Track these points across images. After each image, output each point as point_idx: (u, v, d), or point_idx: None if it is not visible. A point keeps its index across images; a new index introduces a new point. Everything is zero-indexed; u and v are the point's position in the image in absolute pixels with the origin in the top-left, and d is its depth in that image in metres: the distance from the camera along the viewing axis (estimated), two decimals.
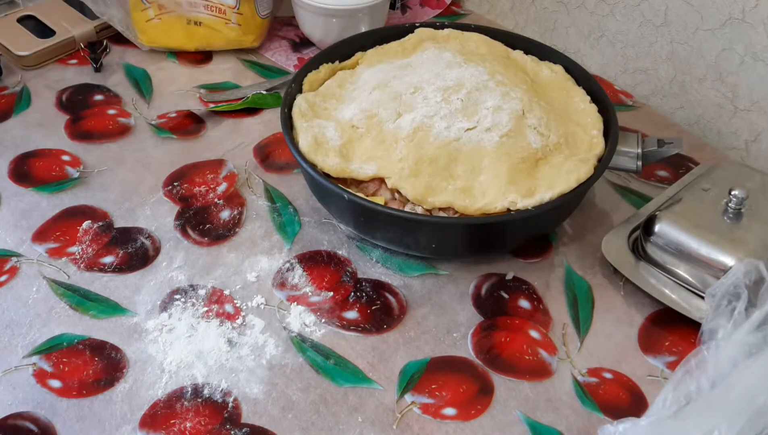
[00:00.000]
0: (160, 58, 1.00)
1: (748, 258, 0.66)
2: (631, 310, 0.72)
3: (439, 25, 0.87)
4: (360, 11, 0.96)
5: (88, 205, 0.80)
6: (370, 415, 0.64)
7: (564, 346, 0.69)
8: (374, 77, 0.79)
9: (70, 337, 0.68)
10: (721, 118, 0.90)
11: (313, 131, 0.74)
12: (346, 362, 0.67)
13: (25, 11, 1.02)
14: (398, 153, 0.72)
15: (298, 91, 0.80)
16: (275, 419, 0.63)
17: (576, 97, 0.80)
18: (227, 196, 0.82)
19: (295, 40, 1.04)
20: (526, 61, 0.84)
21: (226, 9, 0.97)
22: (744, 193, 0.70)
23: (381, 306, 0.72)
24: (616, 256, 0.74)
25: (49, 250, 0.75)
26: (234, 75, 0.98)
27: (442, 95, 0.74)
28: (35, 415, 0.63)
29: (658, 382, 0.67)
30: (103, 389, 0.65)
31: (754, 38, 0.84)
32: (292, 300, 0.72)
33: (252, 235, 0.78)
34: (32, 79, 0.96)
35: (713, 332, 0.63)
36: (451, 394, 0.65)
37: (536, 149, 0.72)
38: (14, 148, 0.86)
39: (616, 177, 0.85)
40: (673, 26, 0.90)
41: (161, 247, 0.76)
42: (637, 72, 0.96)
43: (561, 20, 1.02)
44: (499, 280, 0.75)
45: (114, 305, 0.71)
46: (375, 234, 0.74)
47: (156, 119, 0.90)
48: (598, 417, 0.64)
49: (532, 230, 0.75)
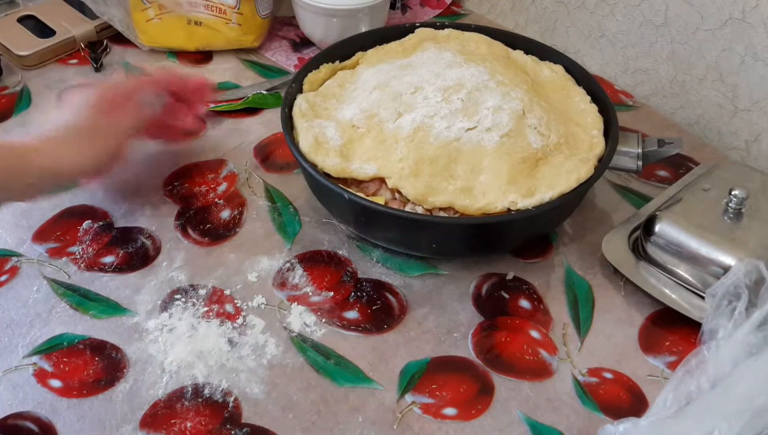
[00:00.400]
0: (161, 58, 1.00)
1: (749, 258, 0.66)
2: (632, 310, 0.72)
3: (439, 25, 0.87)
4: (360, 11, 0.96)
5: (89, 205, 0.80)
6: (370, 415, 0.64)
7: (564, 346, 0.69)
8: (374, 77, 0.79)
9: (71, 337, 0.68)
10: (722, 118, 0.90)
11: (314, 131, 0.74)
12: (346, 362, 0.67)
13: (25, 11, 1.02)
14: (398, 153, 0.72)
15: (299, 91, 0.80)
16: (276, 419, 0.63)
17: (576, 97, 0.80)
18: (227, 196, 0.82)
19: (295, 40, 1.04)
20: (526, 61, 0.84)
21: (227, 9, 0.97)
22: (744, 193, 0.70)
23: (381, 306, 0.72)
24: (616, 256, 0.74)
25: (49, 250, 0.75)
26: (234, 75, 0.98)
27: (443, 95, 0.74)
28: (35, 415, 0.63)
29: (658, 382, 0.67)
30: (104, 389, 0.65)
31: (754, 38, 0.84)
32: (293, 300, 0.72)
33: (252, 235, 0.78)
34: (32, 78, 0.96)
35: (713, 332, 0.63)
36: (451, 394, 0.65)
37: (536, 149, 0.72)
38: None
39: (617, 177, 0.85)
40: (674, 26, 0.90)
41: (162, 247, 0.76)
42: (637, 72, 0.96)
43: (561, 20, 1.02)
44: (500, 280, 0.75)
45: (114, 305, 0.71)
46: (375, 234, 0.74)
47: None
48: (598, 417, 0.64)
49: (533, 230, 0.75)
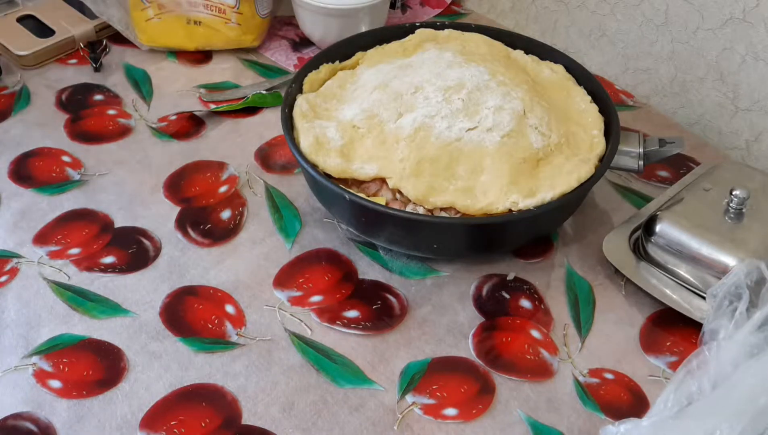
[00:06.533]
0: (160, 58, 1.00)
1: (750, 258, 0.66)
2: (633, 311, 0.72)
3: (439, 25, 0.87)
4: (360, 11, 0.95)
5: (89, 208, 0.80)
6: (370, 416, 0.64)
7: (565, 347, 0.69)
8: (375, 77, 0.79)
9: (71, 338, 0.68)
10: (722, 118, 0.90)
11: (314, 132, 0.74)
12: (346, 363, 0.67)
13: (24, 11, 1.02)
14: (399, 153, 0.72)
15: (299, 91, 0.80)
16: (275, 420, 0.63)
17: (577, 97, 0.80)
18: (228, 196, 0.82)
19: (295, 40, 1.04)
20: (526, 61, 0.84)
21: (226, 8, 0.97)
22: (745, 193, 0.70)
23: (382, 306, 0.72)
24: (617, 256, 0.74)
25: (50, 252, 0.75)
26: (234, 75, 0.98)
27: (443, 95, 0.74)
28: (35, 416, 0.63)
29: (659, 382, 0.67)
30: (103, 389, 0.65)
31: (755, 38, 0.84)
32: (293, 300, 0.72)
33: (253, 236, 0.78)
34: (32, 78, 0.96)
35: (715, 332, 0.63)
36: (452, 394, 0.65)
37: (537, 149, 0.72)
38: (14, 148, 0.86)
39: (617, 177, 0.85)
40: (674, 26, 0.90)
41: (162, 248, 0.76)
42: (637, 72, 0.96)
43: (561, 20, 1.02)
44: (500, 281, 0.75)
45: (114, 306, 0.71)
46: (376, 234, 0.74)
47: (156, 122, 0.90)
48: (599, 417, 0.64)
49: (534, 230, 0.75)
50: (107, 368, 0.66)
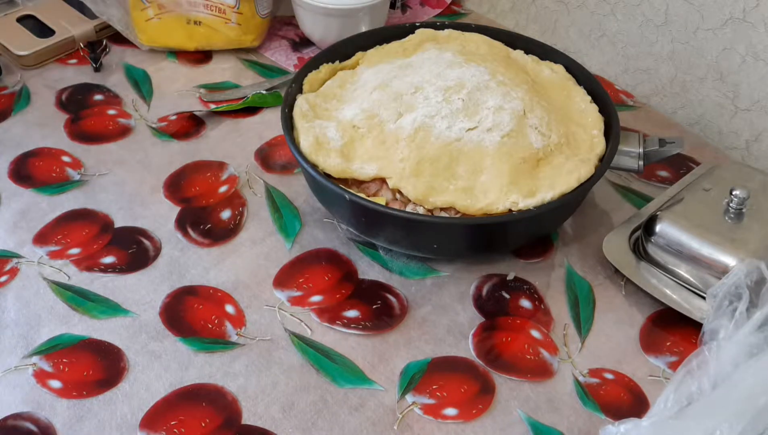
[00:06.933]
0: (160, 58, 1.00)
1: (750, 258, 0.66)
2: (632, 311, 0.72)
3: (439, 25, 0.87)
4: (360, 11, 0.95)
5: (89, 208, 0.80)
6: (370, 416, 0.64)
7: (565, 347, 0.69)
8: (375, 77, 0.79)
9: (70, 338, 0.68)
10: (722, 118, 0.90)
11: (314, 132, 0.74)
12: (346, 362, 0.67)
13: (24, 11, 1.02)
14: (399, 153, 0.72)
15: (299, 91, 0.80)
16: (275, 420, 0.63)
17: (577, 97, 0.80)
18: (228, 196, 0.82)
19: (295, 40, 1.04)
20: (526, 61, 0.84)
21: (226, 8, 0.97)
22: (745, 193, 0.70)
23: (382, 306, 0.72)
24: (617, 256, 0.74)
25: (50, 252, 0.75)
26: (234, 75, 0.98)
27: (443, 95, 0.74)
28: (35, 416, 0.63)
29: (659, 382, 0.67)
30: (103, 389, 0.65)
31: (755, 38, 0.84)
32: (293, 300, 0.72)
33: (253, 235, 0.78)
34: (32, 78, 0.96)
35: (714, 332, 0.63)
36: (452, 394, 0.65)
37: (537, 149, 0.72)
38: (14, 148, 0.86)
39: (617, 177, 0.85)
40: (674, 26, 0.90)
41: (162, 248, 0.76)
42: (637, 72, 0.96)
43: (561, 20, 1.02)
44: (500, 281, 0.75)
45: (114, 306, 0.71)
46: (376, 234, 0.74)
47: (156, 122, 0.90)
48: (599, 417, 0.64)
49: (534, 230, 0.75)
50: (107, 368, 0.66)
